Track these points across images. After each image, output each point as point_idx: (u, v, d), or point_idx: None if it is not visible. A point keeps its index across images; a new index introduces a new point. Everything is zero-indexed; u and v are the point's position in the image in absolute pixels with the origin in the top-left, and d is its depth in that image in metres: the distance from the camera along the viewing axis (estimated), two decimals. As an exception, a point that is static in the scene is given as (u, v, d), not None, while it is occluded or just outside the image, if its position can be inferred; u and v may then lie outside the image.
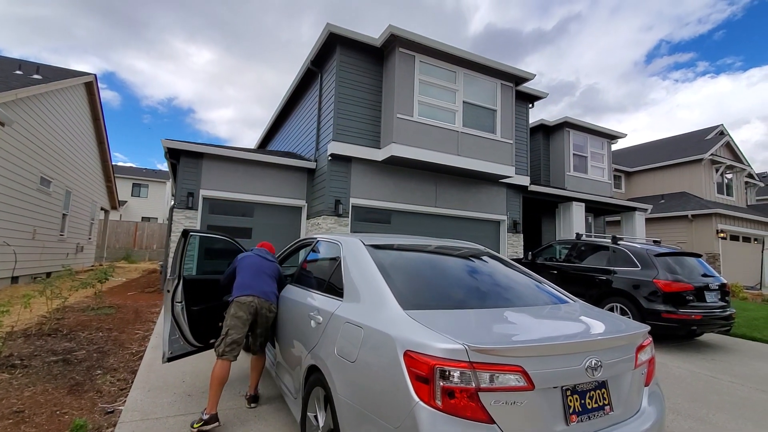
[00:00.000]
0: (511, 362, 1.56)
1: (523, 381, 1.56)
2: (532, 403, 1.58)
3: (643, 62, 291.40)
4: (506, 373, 1.54)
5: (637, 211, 14.28)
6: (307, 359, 2.37)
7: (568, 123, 13.65)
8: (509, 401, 1.53)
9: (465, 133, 9.68)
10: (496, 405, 1.51)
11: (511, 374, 1.55)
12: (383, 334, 1.78)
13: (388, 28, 8.81)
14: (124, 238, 25.42)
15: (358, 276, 2.33)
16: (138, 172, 35.52)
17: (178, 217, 8.83)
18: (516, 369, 1.56)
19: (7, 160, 8.09)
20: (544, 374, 1.61)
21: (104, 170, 16.34)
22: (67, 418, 2.91)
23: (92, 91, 13.30)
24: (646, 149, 23.91)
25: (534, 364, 1.60)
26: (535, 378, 1.58)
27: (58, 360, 4.00)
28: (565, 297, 2.62)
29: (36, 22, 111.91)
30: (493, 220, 11.33)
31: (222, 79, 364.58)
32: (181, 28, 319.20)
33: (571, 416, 1.66)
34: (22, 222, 9.07)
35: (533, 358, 1.62)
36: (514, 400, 1.54)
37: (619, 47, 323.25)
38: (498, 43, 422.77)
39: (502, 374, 1.54)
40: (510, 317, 2.14)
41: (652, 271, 5.89)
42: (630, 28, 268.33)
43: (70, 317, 5.74)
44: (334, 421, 1.94)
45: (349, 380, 1.88)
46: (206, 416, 2.68)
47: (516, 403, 1.54)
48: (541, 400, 1.61)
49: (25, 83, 8.61)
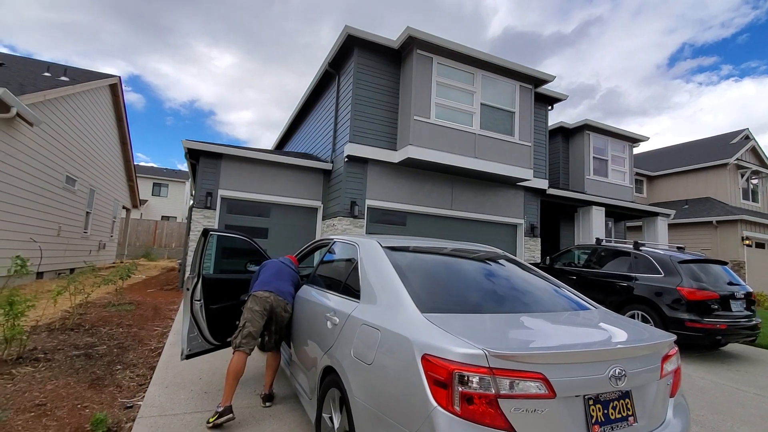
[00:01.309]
0: (531, 369, 1.52)
1: (544, 389, 1.51)
2: (553, 412, 1.53)
3: (666, 65, 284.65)
4: (527, 380, 1.50)
5: (659, 216, 13.91)
6: (323, 360, 2.37)
7: (589, 126, 13.39)
8: (530, 409, 1.49)
9: (482, 136, 9.59)
10: (516, 412, 1.47)
11: (532, 381, 1.51)
12: (401, 337, 1.76)
13: (406, 30, 8.80)
14: (145, 236, 26.02)
15: (375, 278, 2.31)
16: (159, 172, 36.33)
17: (196, 217, 8.98)
18: (537, 376, 1.51)
19: (35, 159, 8.36)
20: (566, 382, 1.57)
21: (126, 170, 16.75)
22: (87, 411, 2.97)
23: (116, 93, 13.66)
24: (669, 153, 23.29)
25: (555, 371, 1.56)
26: (556, 386, 1.53)
27: (80, 354, 4.10)
28: (585, 303, 2.55)
29: (67, 27, 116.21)
30: (510, 224, 11.18)
31: (242, 82, 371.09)
32: (205, 33, 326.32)
33: (594, 426, 1.61)
34: (48, 219, 9.35)
35: (555, 365, 1.57)
36: (534, 407, 1.49)
37: (641, 50, 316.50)
38: (516, 46, 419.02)
39: (522, 381, 1.50)
40: (529, 323, 2.09)
41: (676, 278, 5.71)
42: (652, 30, 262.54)
43: (92, 313, 5.88)
44: (349, 424, 1.93)
45: (365, 382, 1.86)
46: (220, 408, 2.71)
47: (537, 411, 1.50)
48: (563, 409, 1.56)
49: (53, 84, 8.89)
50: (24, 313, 3.74)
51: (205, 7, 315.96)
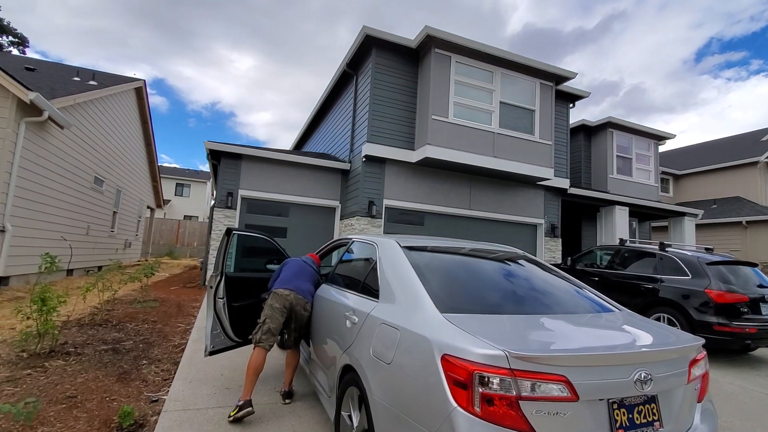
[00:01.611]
0: (554, 371, 1.50)
1: (566, 391, 1.49)
2: (575, 416, 1.51)
3: (693, 60, 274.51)
4: (549, 382, 1.48)
5: (686, 216, 13.47)
6: (342, 359, 2.38)
7: (612, 123, 13.07)
8: (552, 412, 1.47)
9: (501, 134, 9.47)
10: (537, 415, 1.45)
11: (554, 384, 1.49)
12: (420, 337, 1.76)
13: (424, 29, 8.77)
14: (168, 235, 26.71)
15: (394, 277, 2.32)
16: (181, 173, 37.21)
17: (218, 216, 9.17)
18: (559, 378, 1.49)
19: (65, 160, 8.68)
20: (590, 385, 1.54)
21: (151, 170, 17.22)
22: (115, 404, 3.07)
23: (141, 96, 14.06)
24: (697, 151, 22.53)
25: (578, 374, 1.53)
26: (579, 389, 1.51)
27: (108, 349, 4.24)
28: (608, 305, 2.50)
29: (95, 33, 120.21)
30: (529, 224, 11.02)
31: (262, 84, 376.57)
32: (226, 35, 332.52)
33: (618, 431, 1.57)
34: (78, 219, 9.70)
35: (578, 368, 1.55)
36: (556, 410, 1.47)
37: (667, 45, 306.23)
38: (536, 43, 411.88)
39: (544, 383, 1.48)
40: (550, 324, 2.06)
41: (704, 280, 5.52)
42: (678, 25, 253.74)
43: (118, 309, 6.08)
44: (369, 422, 1.94)
45: (384, 382, 1.87)
46: (240, 402, 2.76)
47: (559, 414, 1.47)
48: (586, 413, 1.53)
49: (82, 89, 9.22)
50: (56, 308, 3.88)
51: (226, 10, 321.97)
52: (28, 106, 6.72)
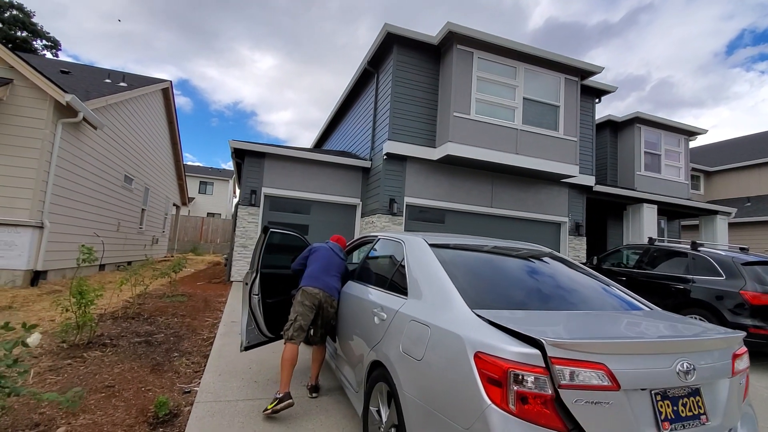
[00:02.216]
0: (592, 359, 1.48)
1: (607, 380, 1.47)
2: (619, 406, 1.48)
3: (724, 53, 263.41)
4: (588, 370, 1.46)
5: (718, 214, 12.98)
6: (371, 355, 2.41)
7: (640, 118, 12.69)
8: (593, 401, 1.45)
9: (525, 131, 9.33)
10: (578, 405, 1.43)
11: (594, 371, 1.47)
12: (451, 334, 1.76)
13: (446, 25, 8.71)
14: (192, 232, 27.40)
15: (423, 274, 2.33)
16: (204, 171, 38.08)
17: (242, 214, 9.36)
18: (599, 367, 1.48)
19: (98, 159, 9.01)
20: (630, 374, 1.52)
21: (177, 169, 17.68)
22: (150, 394, 3.18)
23: (168, 96, 14.43)
24: (729, 146, 21.64)
25: (618, 362, 1.51)
26: (620, 377, 1.49)
27: (141, 341, 4.40)
28: (640, 303, 2.44)
29: (123, 36, 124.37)
30: (553, 222, 10.83)
31: (282, 83, 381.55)
32: (248, 36, 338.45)
33: (664, 423, 1.54)
34: (109, 216, 10.06)
35: (617, 356, 1.53)
36: (598, 399, 1.45)
37: (696, 38, 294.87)
38: (559, 38, 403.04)
39: (583, 371, 1.46)
40: (583, 319, 2.04)
41: (739, 281, 5.32)
42: (708, 17, 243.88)
43: (149, 303, 6.28)
44: (399, 418, 1.96)
45: (415, 378, 1.88)
46: (280, 395, 2.82)
47: (601, 404, 1.45)
48: (629, 403, 1.51)
49: (114, 90, 9.54)
50: (93, 302, 4.05)
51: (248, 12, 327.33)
52: (65, 107, 7.00)
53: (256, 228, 9.45)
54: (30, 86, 6.72)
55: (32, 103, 6.76)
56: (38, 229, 6.80)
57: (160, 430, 2.69)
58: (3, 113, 6.63)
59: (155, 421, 2.78)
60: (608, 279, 2.71)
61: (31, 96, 6.75)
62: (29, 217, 6.63)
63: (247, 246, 9.34)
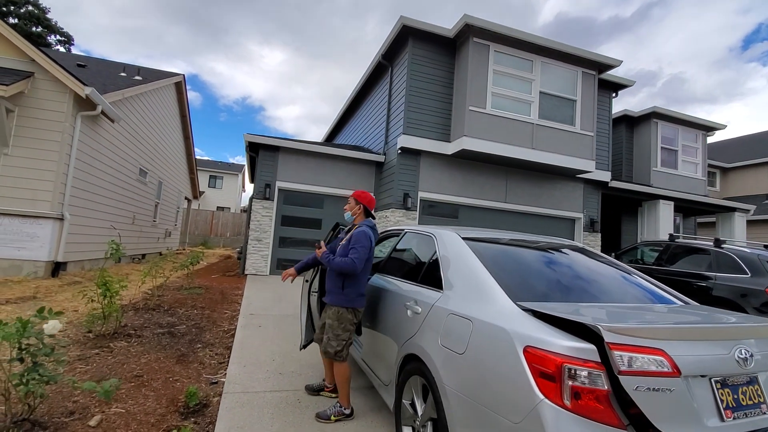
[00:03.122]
0: (651, 345, 1.46)
1: (667, 366, 1.45)
2: (679, 393, 1.46)
3: (740, 48, 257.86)
4: (647, 355, 1.44)
5: (737, 211, 12.76)
6: (405, 348, 2.40)
7: (657, 113, 12.49)
8: (654, 387, 1.42)
9: (540, 126, 9.22)
10: (639, 392, 1.41)
11: (653, 357, 1.45)
12: (497, 328, 1.74)
13: (462, 17, 8.61)
14: (202, 226, 27.64)
15: (459, 268, 2.30)
16: (214, 165, 38.29)
17: (256, 207, 9.39)
18: (658, 352, 1.46)
19: (114, 152, 9.08)
20: (690, 360, 1.49)
21: (188, 163, 17.78)
22: (178, 384, 3.21)
23: (181, 90, 14.48)
24: (746, 143, 21.23)
25: (676, 348, 1.49)
26: (680, 363, 1.47)
27: (165, 332, 4.44)
28: (675, 297, 2.40)
29: (135, 32, 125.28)
30: (567, 218, 10.73)
31: (291, 78, 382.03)
32: (257, 31, 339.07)
33: (726, 411, 1.51)
34: (124, 209, 10.16)
35: (675, 342, 1.51)
36: (659, 386, 1.43)
37: (711, 32, 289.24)
38: (570, 33, 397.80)
39: (642, 356, 1.44)
40: (629, 311, 2.00)
41: (765, 279, 5.22)
42: (724, 11, 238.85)
43: (168, 295, 6.34)
44: (438, 411, 1.94)
45: (457, 372, 1.87)
46: (347, 410, 2.80)
47: (662, 391, 1.43)
48: (689, 390, 1.48)
49: (129, 84, 9.59)
50: (118, 293, 4.09)
51: (257, 6, 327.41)
52: (84, 100, 7.05)
53: (270, 222, 9.49)
54: (50, 79, 6.78)
55: (53, 96, 6.82)
56: (59, 221, 6.88)
57: (191, 419, 2.71)
58: (25, 106, 6.70)
59: (186, 411, 2.80)
60: (641, 273, 2.67)
61: (52, 89, 6.81)
62: (50, 209, 6.71)
63: (261, 239, 9.38)
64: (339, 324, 2.82)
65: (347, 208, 3.10)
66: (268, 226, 9.44)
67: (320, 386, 3.19)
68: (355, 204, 3.07)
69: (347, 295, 2.82)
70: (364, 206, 3.06)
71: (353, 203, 3.07)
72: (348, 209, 3.09)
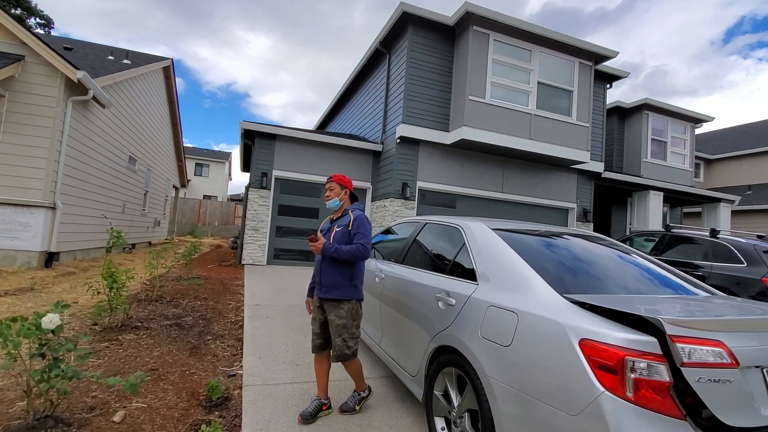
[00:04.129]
0: (710, 337, 1.50)
1: (726, 357, 1.48)
2: (738, 384, 1.50)
3: (721, 41, 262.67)
4: (708, 347, 1.48)
5: (722, 202, 13.11)
6: (437, 339, 2.39)
7: (648, 105, 12.67)
8: (715, 378, 1.46)
9: (538, 116, 9.26)
10: (700, 383, 1.44)
11: (713, 349, 1.48)
12: (548, 321, 1.74)
13: (463, 5, 8.52)
14: (189, 215, 27.19)
15: (494, 260, 2.30)
16: (200, 153, 37.47)
17: (252, 196, 9.24)
18: (717, 344, 1.49)
19: (104, 139, 8.79)
20: (746, 351, 1.53)
21: (176, 150, 17.34)
22: (196, 378, 3.16)
23: (169, 75, 14.04)
24: (729, 135, 21.76)
25: (733, 340, 1.53)
26: (738, 354, 1.50)
27: (172, 324, 4.35)
28: (706, 289, 2.45)
29: (116, 14, 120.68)
30: (561, 208, 10.87)
31: (277, 64, 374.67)
32: (242, 17, 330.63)
33: None
34: (115, 197, 9.88)
35: (731, 334, 1.55)
36: (719, 377, 1.46)
37: (694, 25, 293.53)
38: (556, 23, 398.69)
39: (703, 348, 1.47)
40: (675, 303, 2.03)
41: (761, 268, 5.39)
42: (707, 3, 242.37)
43: (167, 285, 6.22)
44: (480, 402, 1.95)
45: (502, 364, 1.87)
46: (365, 393, 2.84)
47: (722, 382, 1.46)
48: (746, 380, 1.52)
49: (120, 68, 9.25)
50: (125, 285, 3.99)
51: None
52: (75, 85, 6.77)
53: (267, 211, 9.36)
54: (42, 63, 6.47)
55: (44, 81, 6.52)
56: (51, 210, 6.65)
57: (215, 413, 2.68)
58: (15, 91, 6.40)
59: (209, 405, 2.76)
60: (669, 266, 2.70)
61: (43, 73, 6.51)
62: (43, 198, 6.47)
63: (258, 229, 9.26)
64: (353, 321, 2.67)
65: (333, 195, 2.86)
66: (265, 216, 9.31)
67: (317, 407, 2.66)
68: (340, 189, 2.87)
69: (356, 287, 2.70)
70: (350, 191, 2.93)
71: (338, 189, 2.86)
72: (334, 196, 2.85)
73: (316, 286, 2.79)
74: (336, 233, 2.74)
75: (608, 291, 2.11)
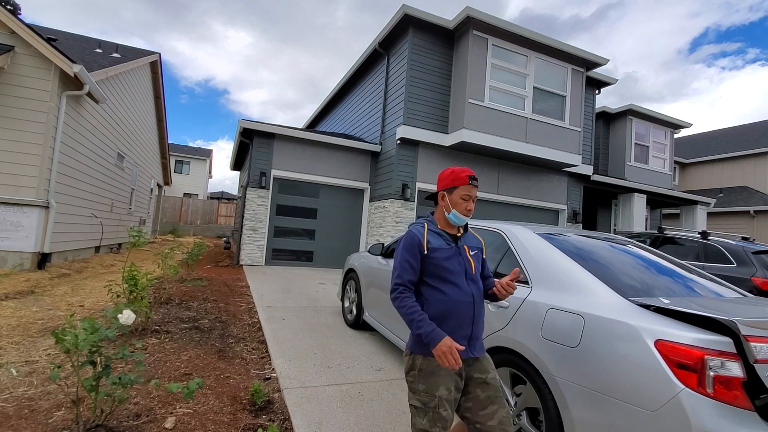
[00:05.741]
0: None
1: None
2: None
3: (687, 50, 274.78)
4: None
5: (699, 204, 13.77)
6: (488, 341, 2.47)
7: (632, 111, 13.16)
8: None
9: (534, 120, 9.50)
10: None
11: None
12: (619, 323, 1.84)
13: (464, 9, 8.65)
14: (171, 213, 26.49)
15: (546, 263, 2.39)
16: (180, 150, 36.49)
17: (251, 196, 9.12)
18: None
19: (95, 135, 8.50)
20: None
21: (161, 147, 16.91)
22: (232, 381, 3.14)
23: (156, 70, 13.67)
24: (702, 140, 22.81)
25: None
26: None
27: (190, 327, 4.28)
28: (735, 289, 2.62)
29: (86, 4, 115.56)
30: (552, 209, 11.18)
31: (257, 61, 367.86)
32: (222, 11, 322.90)
33: None
34: (104, 195, 9.56)
35: None
36: None
37: (662, 34, 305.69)
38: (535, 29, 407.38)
39: None
40: (732, 303, 2.19)
41: (750, 268, 5.73)
42: (675, 14, 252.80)
43: (173, 287, 6.09)
44: (543, 401, 2.04)
45: (570, 363, 1.96)
46: None
47: None
48: None
49: (112, 62, 8.95)
50: (146, 288, 3.90)
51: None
52: (69, 79, 6.53)
53: (265, 211, 9.26)
54: (33, 54, 6.21)
55: (36, 73, 6.25)
56: (44, 209, 6.39)
57: (263, 417, 2.68)
58: (4, 83, 6.11)
59: (254, 409, 2.76)
60: (701, 270, 2.87)
61: (35, 65, 6.24)
62: (36, 196, 6.22)
63: (256, 229, 9.15)
64: None
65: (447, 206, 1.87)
66: (263, 216, 9.21)
67: None
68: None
69: None
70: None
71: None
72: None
73: (461, 339, 1.74)
74: (473, 256, 1.87)
75: (659, 294, 2.24)
